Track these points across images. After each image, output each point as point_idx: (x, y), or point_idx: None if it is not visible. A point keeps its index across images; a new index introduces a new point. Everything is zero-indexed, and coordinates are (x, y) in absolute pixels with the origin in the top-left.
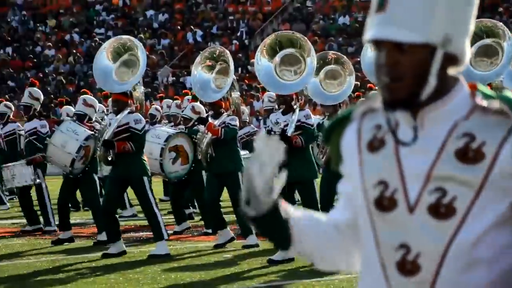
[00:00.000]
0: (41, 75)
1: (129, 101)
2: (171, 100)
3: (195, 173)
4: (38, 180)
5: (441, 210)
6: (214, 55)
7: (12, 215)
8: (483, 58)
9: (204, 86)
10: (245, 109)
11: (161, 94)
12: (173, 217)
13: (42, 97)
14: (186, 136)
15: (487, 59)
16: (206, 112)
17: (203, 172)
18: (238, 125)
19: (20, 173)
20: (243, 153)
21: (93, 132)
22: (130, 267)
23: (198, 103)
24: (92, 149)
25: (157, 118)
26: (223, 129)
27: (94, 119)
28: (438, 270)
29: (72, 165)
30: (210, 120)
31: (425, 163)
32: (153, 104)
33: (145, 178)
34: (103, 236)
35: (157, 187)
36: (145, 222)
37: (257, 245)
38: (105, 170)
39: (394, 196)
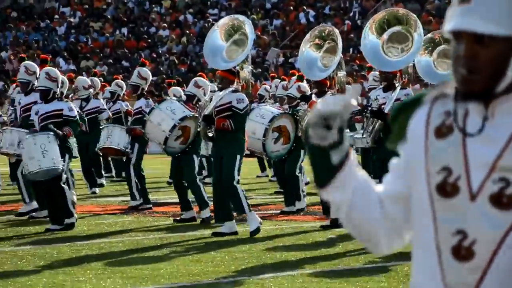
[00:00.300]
0: (155, 56)
1: (235, 80)
2: (279, 81)
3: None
4: (128, 151)
5: (503, 200)
6: (323, 34)
7: (122, 192)
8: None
9: (311, 64)
10: (358, 86)
11: (272, 74)
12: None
13: (150, 77)
14: (290, 116)
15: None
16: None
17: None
18: None
19: (117, 135)
20: (353, 133)
21: (192, 113)
22: (235, 245)
23: (304, 83)
24: (192, 129)
25: (266, 99)
26: None
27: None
28: (492, 258)
29: (165, 143)
30: (313, 98)
31: (492, 153)
32: (264, 84)
33: (238, 157)
34: (206, 213)
35: (252, 165)
36: (255, 201)
37: None
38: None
39: (457, 183)
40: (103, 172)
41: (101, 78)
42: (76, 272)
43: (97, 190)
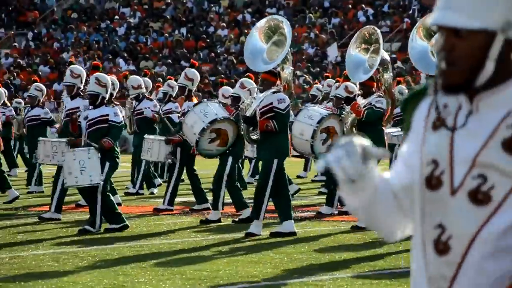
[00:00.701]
0: (213, 55)
1: (276, 81)
2: (333, 80)
3: None
4: (169, 161)
5: (479, 196)
6: (366, 38)
7: (182, 192)
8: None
9: (357, 66)
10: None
11: (326, 74)
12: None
13: (197, 78)
14: (337, 117)
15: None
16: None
17: None
18: (384, 107)
19: (156, 147)
20: (394, 130)
21: (224, 116)
22: (293, 247)
23: (351, 84)
24: (229, 132)
25: (318, 98)
26: (366, 110)
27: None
28: (466, 254)
29: (197, 146)
30: (357, 99)
31: (473, 148)
32: (316, 83)
33: (276, 161)
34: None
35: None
36: (304, 202)
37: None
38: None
39: (441, 177)
40: (155, 174)
41: (160, 79)
42: (136, 273)
43: (155, 190)
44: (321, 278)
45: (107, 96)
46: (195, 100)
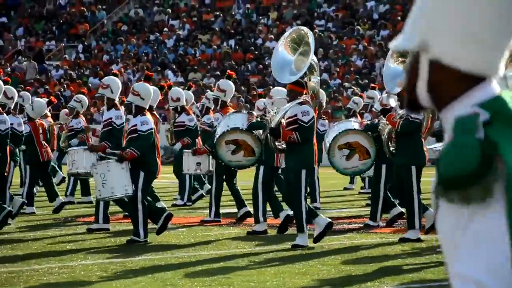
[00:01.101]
0: (261, 67)
1: (303, 91)
2: (375, 92)
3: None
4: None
5: None
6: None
7: (229, 204)
8: None
9: (394, 76)
10: None
11: (373, 85)
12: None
13: (230, 89)
14: (360, 131)
15: None
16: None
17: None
18: (420, 118)
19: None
20: (437, 145)
21: (231, 127)
22: (341, 257)
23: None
24: (249, 141)
25: (354, 111)
26: (401, 121)
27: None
28: None
29: (216, 157)
30: (395, 111)
31: None
32: (361, 95)
33: (303, 171)
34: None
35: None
36: (352, 213)
37: None
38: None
39: None
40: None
41: (208, 91)
42: (184, 284)
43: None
44: None
45: (146, 106)
46: (230, 111)
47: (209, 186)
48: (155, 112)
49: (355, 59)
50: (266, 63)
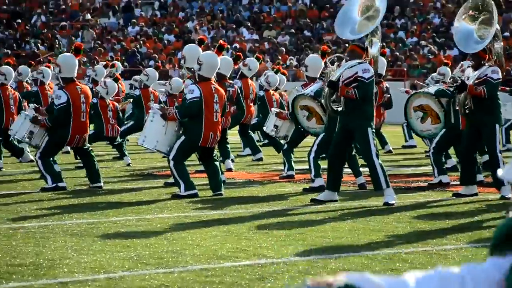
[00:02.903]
0: None
1: (363, 54)
2: (448, 69)
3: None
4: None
5: None
6: (478, 5)
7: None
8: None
9: (467, 37)
10: None
11: (446, 61)
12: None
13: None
14: (430, 95)
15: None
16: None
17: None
18: (500, 77)
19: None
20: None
21: (301, 92)
22: (415, 213)
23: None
24: (316, 108)
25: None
26: (485, 88)
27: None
28: None
29: (297, 124)
30: (469, 71)
31: None
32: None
33: (369, 130)
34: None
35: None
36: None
37: None
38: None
39: None
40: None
41: (282, 48)
42: (258, 238)
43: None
44: (445, 247)
45: (209, 75)
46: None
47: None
48: (228, 81)
49: (433, 16)
50: None
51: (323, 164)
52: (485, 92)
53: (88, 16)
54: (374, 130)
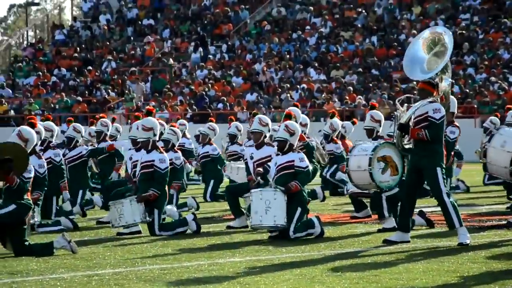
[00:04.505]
0: None
1: (433, 92)
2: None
3: None
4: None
5: None
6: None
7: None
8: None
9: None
10: None
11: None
12: None
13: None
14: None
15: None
16: None
17: None
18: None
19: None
20: None
21: (382, 142)
22: (491, 253)
23: None
24: (394, 156)
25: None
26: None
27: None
28: None
29: (373, 179)
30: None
31: None
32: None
33: (438, 169)
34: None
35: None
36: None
37: None
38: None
39: None
40: None
41: (350, 88)
42: (332, 281)
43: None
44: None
45: (295, 144)
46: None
47: None
48: None
49: (502, 52)
50: None
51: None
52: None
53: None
54: (444, 169)
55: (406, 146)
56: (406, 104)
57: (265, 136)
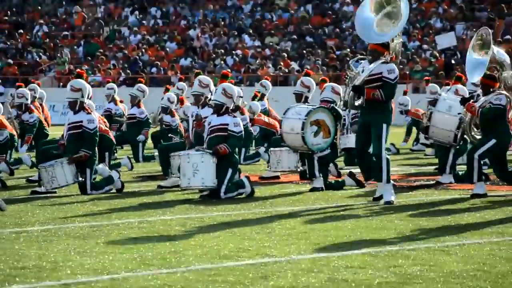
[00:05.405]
0: (338, 31)
1: (385, 52)
2: (436, 87)
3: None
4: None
5: None
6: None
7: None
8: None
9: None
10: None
11: (427, 78)
12: None
13: (313, 86)
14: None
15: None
16: None
17: None
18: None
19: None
20: None
21: (315, 106)
22: (415, 213)
23: (461, 86)
24: (326, 120)
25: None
26: (481, 109)
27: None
28: None
29: (305, 143)
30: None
31: None
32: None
33: (385, 125)
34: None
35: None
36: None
37: None
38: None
39: None
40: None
41: (285, 54)
42: (261, 238)
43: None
44: (447, 244)
45: (231, 106)
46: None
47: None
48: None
49: (434, 21)
50: (344, 26)
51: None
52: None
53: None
54: (389, 126)
55: (356, 104)
56: (360, 67)
57: (206, 97)
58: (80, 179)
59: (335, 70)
